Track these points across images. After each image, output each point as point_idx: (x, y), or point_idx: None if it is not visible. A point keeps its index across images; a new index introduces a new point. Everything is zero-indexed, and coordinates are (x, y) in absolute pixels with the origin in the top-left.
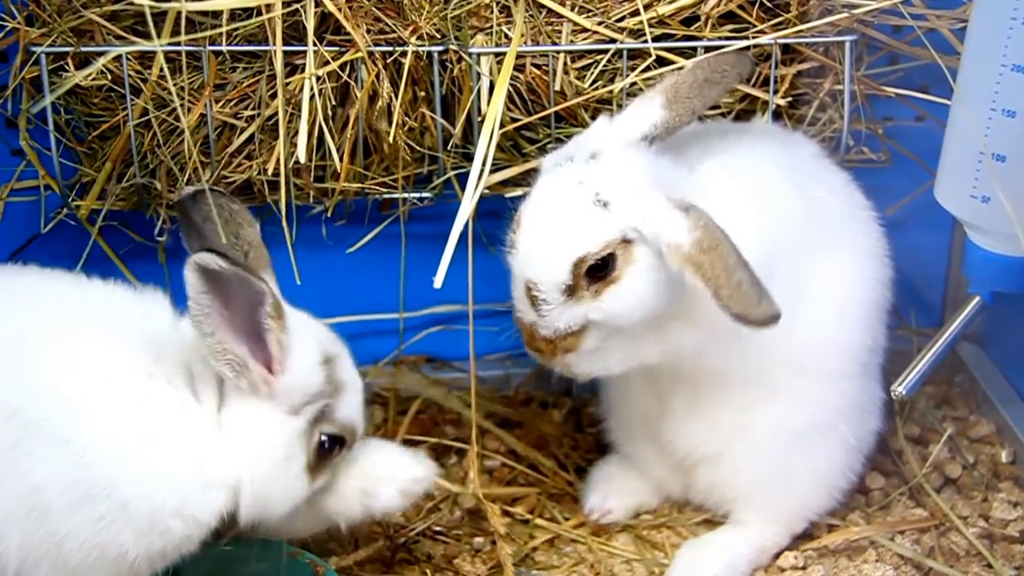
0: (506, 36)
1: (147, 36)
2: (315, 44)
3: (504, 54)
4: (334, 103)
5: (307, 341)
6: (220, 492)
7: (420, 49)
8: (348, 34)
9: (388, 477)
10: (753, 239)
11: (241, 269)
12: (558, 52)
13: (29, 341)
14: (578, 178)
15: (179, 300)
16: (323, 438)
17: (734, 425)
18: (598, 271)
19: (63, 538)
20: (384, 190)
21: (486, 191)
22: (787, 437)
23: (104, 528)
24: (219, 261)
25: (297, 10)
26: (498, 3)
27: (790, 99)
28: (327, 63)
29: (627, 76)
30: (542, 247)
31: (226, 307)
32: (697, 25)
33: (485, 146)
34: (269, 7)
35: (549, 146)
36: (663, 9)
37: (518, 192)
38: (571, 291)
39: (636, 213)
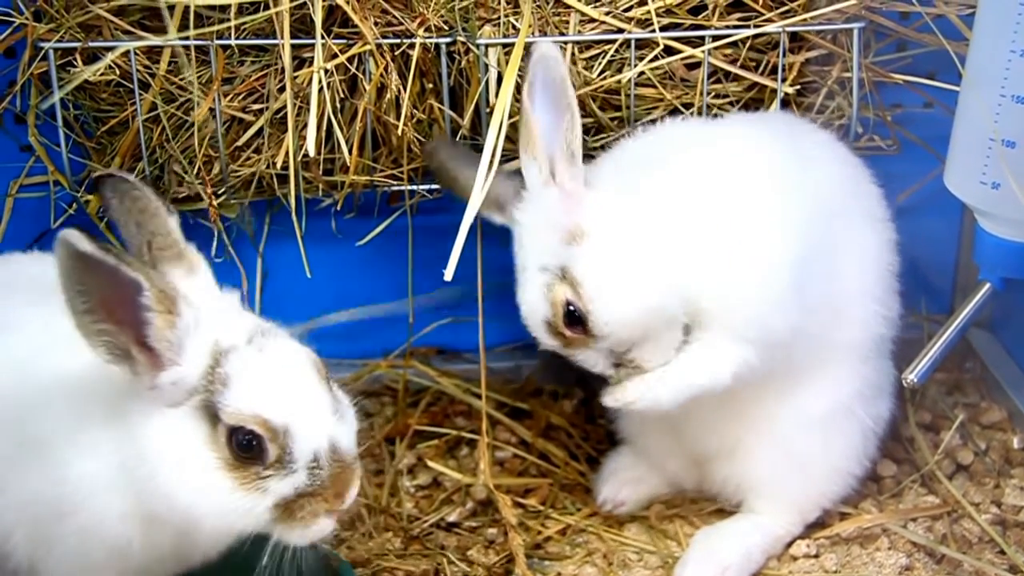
0: (514, 27)
1: (155, 31)
2: (323, 37)
3: (512, 45)
4: (342, 96)
5: (200, 334)
6: (131, 524)
7: (428, 41)
8: (356, 27)
9: None
10: (779, 224)
11: (109, 255)
12: (566, 42)
13: None
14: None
15: None
16: (241, 437)
17: (760, 416)
18: (576, 321)
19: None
20: (393, 182)
21: None
22: (808, 425)
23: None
24: (84, 242)
25: (305, 3)
26: None
27: (798, 87)
28: (335, 56)
29: (635, 66)
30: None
31: (109, 290)
32: (705, 14)
33: (494, 137)
34: (277, 1)
35: None
36: None
37: None
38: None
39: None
